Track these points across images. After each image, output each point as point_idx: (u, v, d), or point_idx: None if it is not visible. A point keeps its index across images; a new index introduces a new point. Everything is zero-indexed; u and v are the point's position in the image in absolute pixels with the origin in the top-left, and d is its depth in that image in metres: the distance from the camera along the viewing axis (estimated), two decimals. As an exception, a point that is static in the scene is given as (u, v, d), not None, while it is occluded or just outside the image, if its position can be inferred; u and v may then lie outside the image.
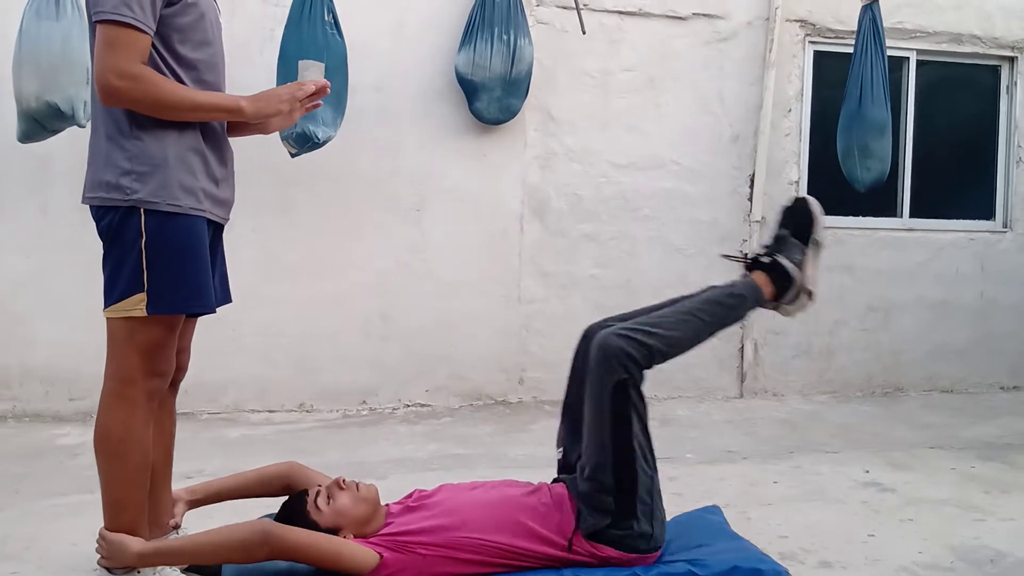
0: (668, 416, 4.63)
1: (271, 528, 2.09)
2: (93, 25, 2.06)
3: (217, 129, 2.24)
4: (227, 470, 3.09)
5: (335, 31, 4.13)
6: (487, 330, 4.83)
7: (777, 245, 2.51)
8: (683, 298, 2.46)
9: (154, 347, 2.13)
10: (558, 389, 4.96)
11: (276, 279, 4.52)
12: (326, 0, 4.11)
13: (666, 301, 2.48)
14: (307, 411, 4.60)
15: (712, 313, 2.37)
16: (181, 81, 2.13)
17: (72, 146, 4.02)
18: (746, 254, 2.59)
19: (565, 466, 2.44)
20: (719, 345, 5.14)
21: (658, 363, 2.25)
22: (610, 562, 2.21)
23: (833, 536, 2.84)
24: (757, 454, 3.88)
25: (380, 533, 2.20)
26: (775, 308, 2.52)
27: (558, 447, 2.50)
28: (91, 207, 2.14)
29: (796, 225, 2.51)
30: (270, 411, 4.56)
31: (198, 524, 2.43)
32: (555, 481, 2.41)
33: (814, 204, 2.51)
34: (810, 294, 2.48)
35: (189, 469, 3.25)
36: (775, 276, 2.47)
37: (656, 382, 5.04)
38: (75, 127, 3.87)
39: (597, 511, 2.20)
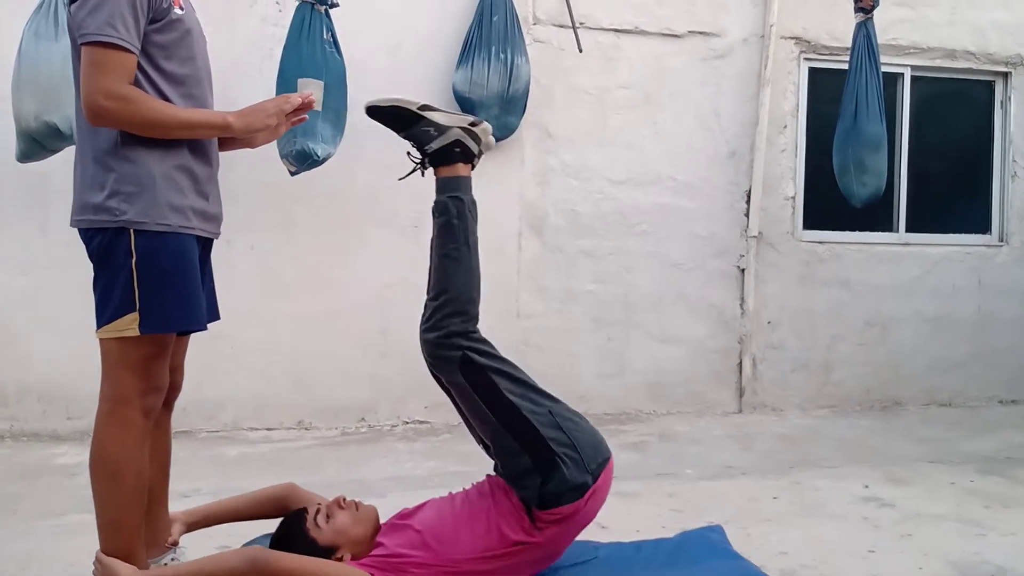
0: (667, 432, 4.63)
1: (261, 555, 2.06)
2: (77, 47, 2.07)
3: (204, 144, 2.24)
4: (225, 489, 3.08)
5: (334, 49, 4.15)
6: (485, 346, 4.81)
7: (414, 141, 2.42)
8: (431, 248, 2.43)
9: (148, 365, 2.13)
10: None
11: (275, 296, 4.52)
12: (325, 19, 4.13)
13: (429, 266, 2.43)
14: (305, 428, 4.59)
15: (453, 238, 2.36)
16: (168, 97, 2.13)
17: (70, 165, 3.99)
18: (416, 165, 2.46)
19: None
20: (717, 360, 5.16)
21: (472, 311, 2.30)
22: (579, 515, 2.18)
23: (833, 552, 2.83)
24: (756, 469, 3.88)
25: (372, 554, 2.19)
26: (474, 164, 2.46)
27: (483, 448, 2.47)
28: (80, 230, 2.14)
29: (396, 122, 2.43)
30: (268, 429, 4.55)
31: (196, 544, 2.43)
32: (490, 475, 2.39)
33: (375, 103, 2.40)
34: (473, 123, 2.40)
35: (187, 488, 3.24)
36: (445, 156, 2.40)
37: (655, 397, 5.07)
38: (73, 146, 3.87)
39: (523, 478, 2.17)
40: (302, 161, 4.11)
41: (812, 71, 5.33)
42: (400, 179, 2.52)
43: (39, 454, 4.02)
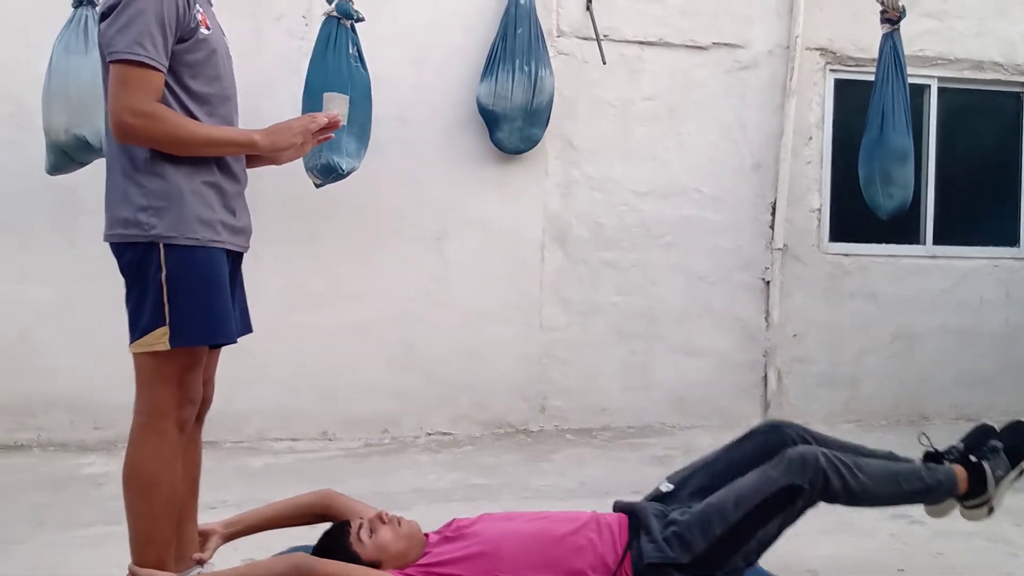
0: (691, 446, 4.59)
1: (309, 561, 2.08)
2: (106, 64, 2.09)
3: (232, 161, 2.26)
4: (251, 500, 3.09)
5: (359, 63, 4.18)
6: (509, 358, 4.82)
7: (988, 452, 2.54)
8: (888, 454, 2.53)
9: (181, 378, 2.15)
10: (580, 417, 4.95)
11: (300, 308, 4.55)
12: (350, 33, 4.16)
13: (871, 450, 2.55)
14: (330, 440, 4.61)
15: (911, 484, 2.42)
16: (194, 116, 2.15)
17: (98, 178, 4.00)
18: (953, 448, 2.60)
19: (657, 498, 2.45)
20: (742, 374, 5.12)
21: (839, 502, 2.30)
22: None
23: (862, 570, 2.80)
24: (783, 485, 3.83)
25: (417, 563, 2.20)
26: (953, 504, 2.56)
27: (669, 481, 2.50)
28: (111, 244, 2.17)
29: (1013, 443, 2.56)
30: (293, 440, 4.57)
31: (221, 555, 2.43)
32: (621, 508, 2.39)
33: None
34: (991, 510, 2.52)
35: (213, 499, 3.25)
36: (972, 479, 2.49)
37: (679, 411, 5.04)
38: (102, 159, 3.92)
39: (659, 548, 2.18)
40: (327, 175, 4.14)
41: (838, 82, 5.29)
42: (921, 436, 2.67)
43: (66, 464, 4.06)
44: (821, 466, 2.22)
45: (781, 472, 2.23)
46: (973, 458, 2.51)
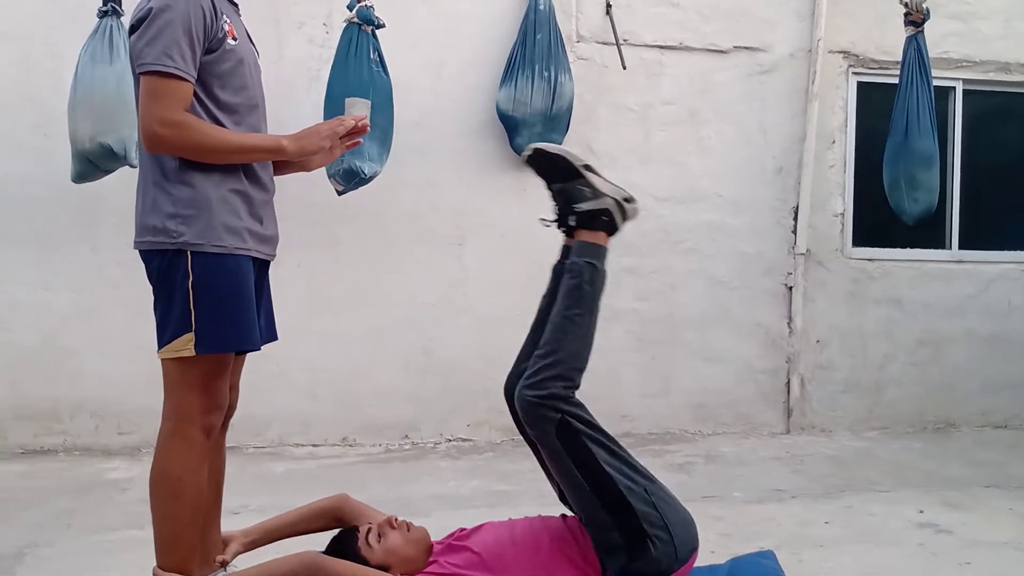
0: (713, 453, 4.56)
1: (319, 560, 2.10)
2: (137, 76, 2.13)
3: (259, 168, 2.28)
4: (273, 505, 3.10)
5: (381, 69, 4.19)
6: (529, 364, 4.80)
7: (563, 200, 2.39)
8: (547, 305, 2.40)
9: (207, 384, 2.16)
10: (600, 422, 4.92)
11: (320, 314, 4.56)
12: (372, 39, 4.17)
13: (538, 315, 2.43)
14: (350, 445, 4.61)
15: (579, 303, 2.29)
16: (222, 125, 2.18)
17: (122, 185, 4.11)
18: (554, 220, 2.43)
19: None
20: (764, 380, 5.07)
21: (577, 378, 2.23)
22: None
23: (889, 580, 2.76)
24: (807, 493, 3.80)
25: (424, 572, 2.19)
26: (613, 234, 2.39)
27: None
28: (140, 252, 2.19)
29: (555, 173, 2.40)
30: (314, 445, 4.58)
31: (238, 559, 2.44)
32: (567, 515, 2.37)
33: (543, 147, 2.39)
34: (627, 199, 2.37)
35: (235, 504, 3.26)
36: (591, 220, 2.35)
37: (700, 418, 5.00)
38: (126, 167, 3.96)
39: (612, 552, 2.15)
40: (349, 180, 4.15)
41: (861, 85, 5.25)
42: (543, 221, 2.49)
43: (91, 469, 4.09)
44: (533, 398, 2.15)
45: (539, 434, 2.17)
46: (572, 222, 2.35)
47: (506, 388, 2.40)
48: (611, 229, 2.37)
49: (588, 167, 2.37)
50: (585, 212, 2.35)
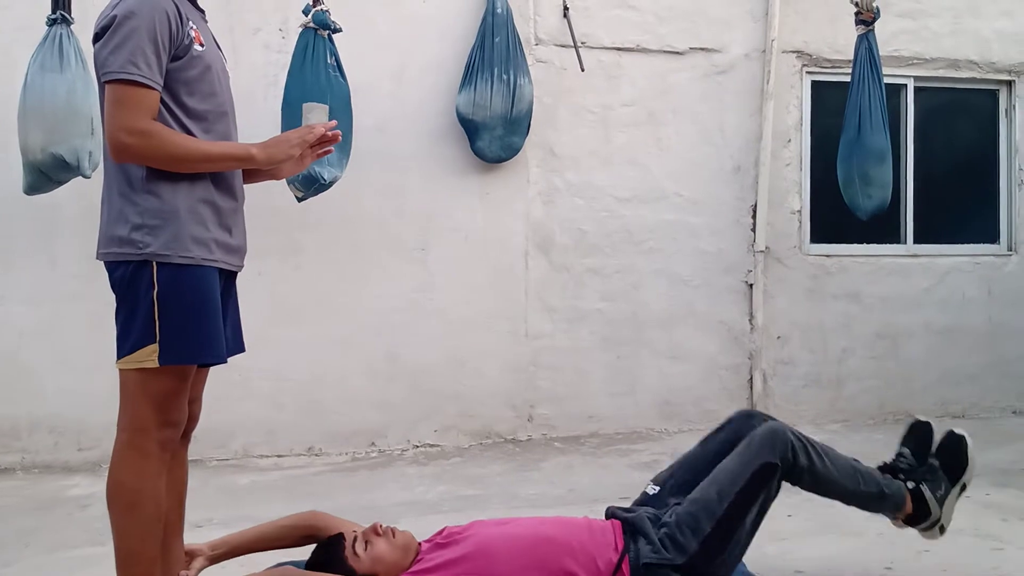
0: (679, 450, 4.54)
1: (294, 574, 2.07)
2: (102, 85, 2.09)
3: (228, 177, 2.25)
4: (238, 518, 3.08)
5: (338, 73, 4.17)
6: (495, 367, 4.82)
7: (925, 473, 2.54)
8: (853, 460, 2.52)
9: (166, 397, 2.13)
10: (567, 425, 4.95)
11: (283, 322, 4.53)
12: (328, 44, 4.15)
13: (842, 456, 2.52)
14: (316, 455, 4.58)
15: (868, 485, 2.44)
16: (191, 133, 2.15)
17: (78, 197, 4.06)
18: (901, 457, 2.61)
19: (645, 502, 2.46)
20: (728, 377, 5.13)
21: (801, 484, 2.33)
22: None
23: (850, 569, 2.80)
24: (770, 487, 3.84)
25: (410, 570, 2.20)
26: (905, 524, 2.57)
27: (655, 483, 2.52)
28: (105, 262, 2.15)
29: (948, 461, 2.56)
30: (279, 456, 4.54)
31: (210, 574, 2.41)
32: (612, 515, 2.39)
33: (971, 447, 2.56)
34: (942, 529, 2.53)
35: (199, 518, 3.22)
36: (915, 503, 2.51)
37: (666, 416, 5.04)
38: (80, 178, 3.90)
39: (656, 550, 2.20)
40: (309, 186, 4.12)
41: (815, 84, 5.33)
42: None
43: (51, 486, 4.02)
44: (790, 439, 2.26)
45: (754, 452, 2.25)
46: (911, 485, 2.51)
47: (752, 412, 2.60)
48: (913, 519, 2.52)
49: (966, 488, 2.56)
50: (922, 496, 2.49)
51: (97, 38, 2.10)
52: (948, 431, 2.65)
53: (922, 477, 2.53)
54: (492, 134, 4.56)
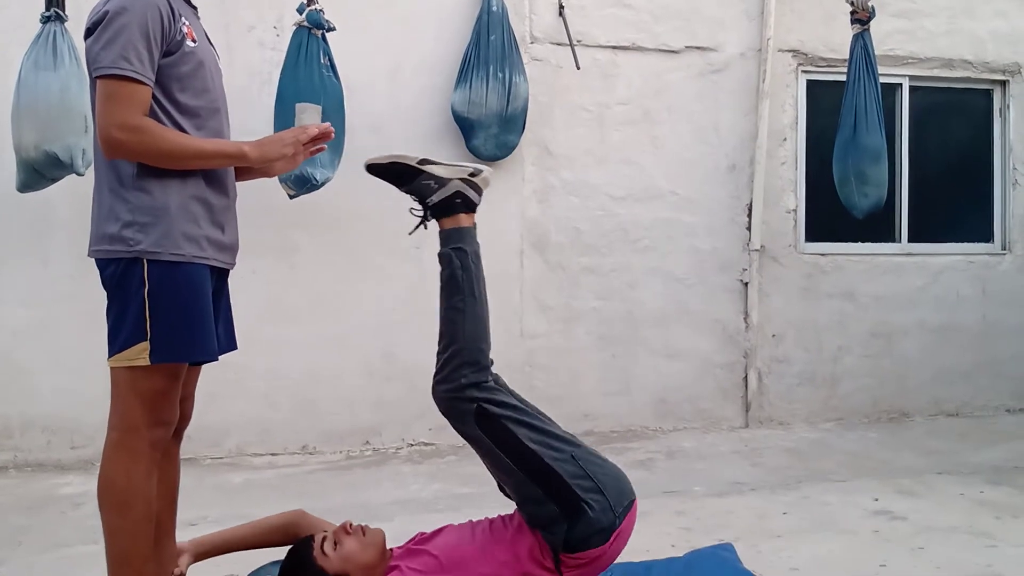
0: (674, 448, 4.60)
1: None
2: (93, 80, 2.08)
3: (220, 174, 2.25)
4: (232, 516, 3.07)
5: (331, 73, 4.17)
6: (490, 366, 4.80)
7: (418, 199, 2.44)
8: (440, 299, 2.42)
9: (157, 396, 2.12)
10: (563, 424, 4.93)
11: (277, 321, 4.51)
12: (322, 43, 4.15)
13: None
14: (310, 453, 4.57)
15: (458, 290, 2.36)
16: (183, 129, 2.14)
17: (72, 196, 4.04)
18: (420, 220, 2.48)
19: None
20: (723, 375, 5.13)
21: (483, 359, 2.28)
22: (603, 557, 2.17)
23: (845, 567, 2.81)
24: (765, 485, 3.85)
25: None
26: (473, 210, 2.45)
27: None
28: (96, 259, 2.14)
29: (397, 178, 2.45)
30: (273, 454, 4.53)
31: (203, 573, 2.41)
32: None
33: (373, 161, 2.44)
34: (472, 173, 2.42)
35: (193, 516, 3.21)
36: (447, 208, 2.41)
37: (661, 414, 5.05)
38: (74, 175, 3.88)
39: (550, 525, 2.16)
40: (301, 185, 4.12)
41: (810, 83, 5.34)
42: (409, 234, 2.52)
43: (44, 484, 4.00)
44: (444, 394, 2.25)
45: (460, 426, 2.25)
46: (428, 215, 2.43)
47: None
48: (468, 207, 2.43)
49: (424, 160, 2.41)
50: (437, 204, 2.40)
51: (89, 33, 2.09)
52: (367, 168, 2.49)
53: (423, 202, 2.42)
54: (487, 132, 4.55)
